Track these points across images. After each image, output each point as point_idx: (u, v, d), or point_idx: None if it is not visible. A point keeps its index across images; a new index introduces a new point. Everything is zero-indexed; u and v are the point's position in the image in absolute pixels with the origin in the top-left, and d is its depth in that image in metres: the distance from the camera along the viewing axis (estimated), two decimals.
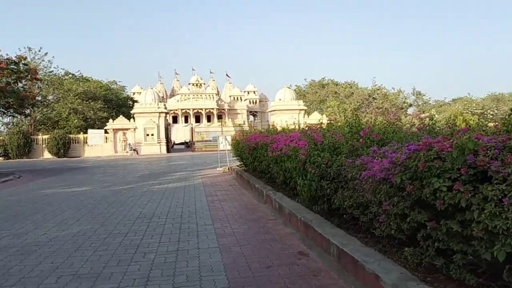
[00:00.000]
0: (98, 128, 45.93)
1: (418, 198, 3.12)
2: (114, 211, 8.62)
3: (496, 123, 3.67)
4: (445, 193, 2.81)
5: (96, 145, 44.26)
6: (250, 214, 7.78)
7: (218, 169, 17.85)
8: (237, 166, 16.05)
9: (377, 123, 6.78)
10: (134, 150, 43.27)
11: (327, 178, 4.99)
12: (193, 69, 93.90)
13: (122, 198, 10.56)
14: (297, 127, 16.16)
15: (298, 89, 57.41)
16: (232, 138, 17.04)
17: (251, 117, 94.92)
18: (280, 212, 7.27)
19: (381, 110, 42.18)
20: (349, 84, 54.98)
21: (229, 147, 17.68)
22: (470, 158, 2.76)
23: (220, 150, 18.66)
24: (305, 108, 44.57)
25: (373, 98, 46.17)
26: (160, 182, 14.19)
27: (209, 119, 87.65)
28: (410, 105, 50.28)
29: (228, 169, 17.10)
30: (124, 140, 44.31)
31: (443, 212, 2.93)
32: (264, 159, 9.54)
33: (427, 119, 5.86)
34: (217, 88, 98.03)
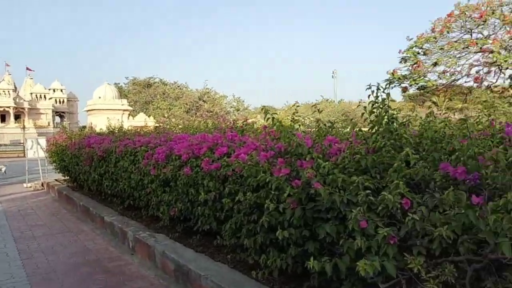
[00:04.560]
0: None
1: None
2: None
3: None
4: None
5: None
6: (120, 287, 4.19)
7: (26, 185, 12.69)
8: (57, 180, 11.52)
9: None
10: None
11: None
12: None
13: None
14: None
15: (117, 88, 51.73)
16: (49, 141, 12.21)
17: (58, 118, 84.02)
18: (185, 282, 3.96)
19: (211, 113, 40.71)
20: (178, 86, 51.90)
21: (43, 154, 12.79)
22: None
23: (28, 159, 13.38)
24: (131, 108, 39.79)
25: (203, 101, 44.42)
26: None
27: (3, 119, 73.41)
28: (238, 110, 50.32)
29: (42, 185, 12.25)
30: None
31: None
32: (126, 176, 5.89)
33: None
34: (14, 83, 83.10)
